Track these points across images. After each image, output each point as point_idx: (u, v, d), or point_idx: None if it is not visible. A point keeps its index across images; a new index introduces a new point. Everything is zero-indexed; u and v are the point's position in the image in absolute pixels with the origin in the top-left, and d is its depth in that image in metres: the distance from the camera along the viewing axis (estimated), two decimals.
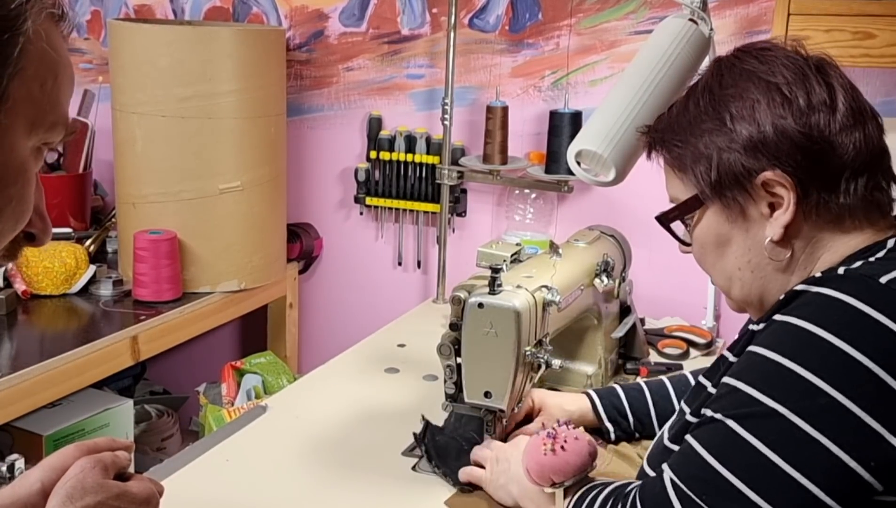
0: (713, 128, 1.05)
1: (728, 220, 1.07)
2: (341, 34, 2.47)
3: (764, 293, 1.09)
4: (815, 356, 0.92)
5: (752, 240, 1.06)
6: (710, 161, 1.06)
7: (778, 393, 0.92)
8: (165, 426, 2.47)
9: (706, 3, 1.74)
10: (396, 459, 1.46)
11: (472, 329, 1.37)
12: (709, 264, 1.14)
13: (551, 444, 1.20)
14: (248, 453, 1.49)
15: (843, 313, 0.92)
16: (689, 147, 1.08)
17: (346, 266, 2.59)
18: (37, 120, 0.68)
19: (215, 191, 2.16)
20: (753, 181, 1.03)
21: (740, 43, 2.10)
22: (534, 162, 2.24)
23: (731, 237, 1.08)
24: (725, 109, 1.05)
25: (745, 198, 1.04)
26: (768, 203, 1.04)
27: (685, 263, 2.22)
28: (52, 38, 0.69)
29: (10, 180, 0.68)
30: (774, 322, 0.98)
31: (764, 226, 1.05)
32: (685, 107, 1.11)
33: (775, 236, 1.03)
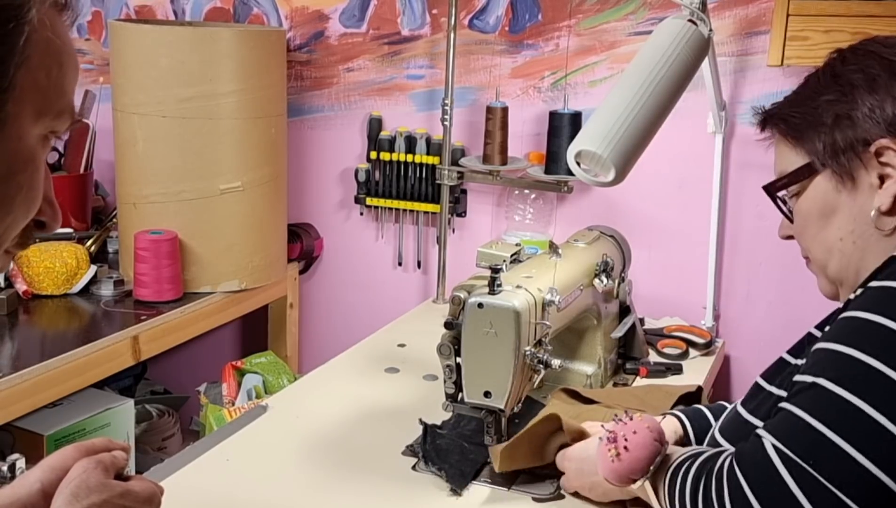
0: (833, 98, 1.09)
1: (836, 188, 1.09)
2: (342, 35, 2.47)
3: (861, 267, 1.10)
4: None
5: (857, 209, 1.08)
6: (827, 127, 1.09)
7: (879, 352, 0.93)
8: (166, 425, 2.47)
9: (705, 4, 1.74)
10: (396, 459, 1.47)
11: (471, 329, 1.37)
12: (810, 236, 1.15)
13: (615, 450, 1.17)
14: (249, 453, 1.49)
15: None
16: (807, 115, 1.11)
17: (346, 266, 2.60)
18: (43, 108, 0.69)
19: (216, 191, 2.17)
20: (868, 149, 1.05)
21: (739, 43, 2.11)
22: (533, 162, 2.25)
23: (838, 207, 1.10)
24: (846, 81, 1.08)
25: (857, 165, 1.07)
26: (879, 174, 1.06)
27: (685, 263, 2.24)
28: (56, 26, 0.69)
29: (19, 168, 0.69)
30: (872, 288, 0.99)
31: (871, 196, 1.07)
32: (805, 84, 1.15)
33: (884, 205, 1.06)
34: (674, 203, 2.24)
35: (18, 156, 0.68)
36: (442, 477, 1.39)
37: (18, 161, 0.68)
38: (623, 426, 1.19)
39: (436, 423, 1.54)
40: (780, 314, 2.19)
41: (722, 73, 2.09)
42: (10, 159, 0.68)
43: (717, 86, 2.00)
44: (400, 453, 1.48)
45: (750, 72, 2.12)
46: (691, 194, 2.21)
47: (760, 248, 2.17)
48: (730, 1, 2.10)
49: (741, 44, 2.11)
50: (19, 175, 0.69)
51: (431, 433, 1.48)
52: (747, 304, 2.22)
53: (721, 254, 2.20)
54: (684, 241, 2.24)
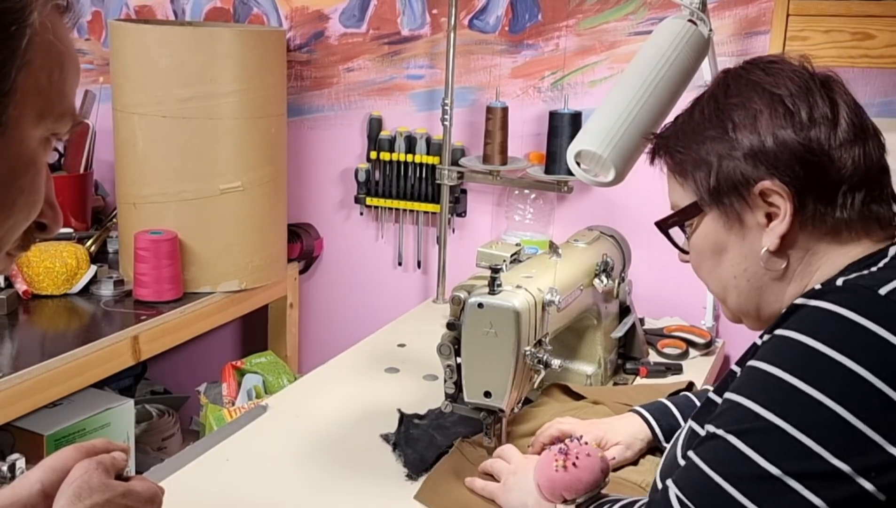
0: (715, 135, 1.06)
1: (725, 228, 1.08)
2: (342, 35, 2.47)
3: (760, 303, 1.10)
4: (815, 370, 0.91)
5: (748, 249, 1.07)
6: (710, 167, 1.06)
7: (778, 408, 0.92)
8: (166, 425, 2.47)
9: (705, 4, 1.74)
10: (396, 459, 1.47)
11: (471, 329, 1.37)
12: (705, 271, 1.15)
13: (563, 461, 1.18)
14: (249, 453, 1.49)
15: (841, 327, 0.92)
16: (690, 153, 1.09)
17: (346, 266, 2.60)
18: (45, 111, 0.69)
19: (216, 191, 2.17)
20: (751, 190, 1.03)
21: (739, 43, 2.11)
22: (533, 162, 2.25)
23: (728, 246, 1.09)
24: (728, 117, 1.06)
25: (742, 206, 1.05)
26: (765, 213, 1.04)
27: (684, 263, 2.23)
28: (57, 29, 0.69)
29: (21, 172, 0.69)
30: (775, 337, 0.97)
31: (760, 235, 1.05)
32: (690, 115, 1.12)
33: (771, 246, 1.04)
34: None
35: (20, 159, 0.68)
36: (401, 462, 1.43)
37: (20, 164, 0.68)
38: (578, 445, 1.21)
39: (417, 412, 1.57)
40: None
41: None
42: (12, 163, 0.68)
43: None
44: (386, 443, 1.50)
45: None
46: None
47: None
48: (730, 1, 2.10)
49: (741, 44, 2.11)
50: (21, 178, 0.69)
51: (406, 422, 1.53)
52: None
53: None
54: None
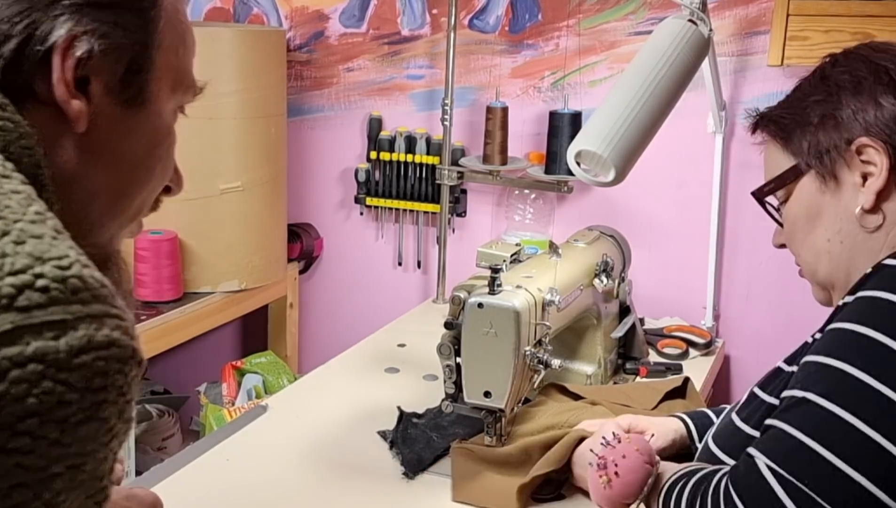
0: (820, 98, 1.11)
1: (821, 189, 1.11)
2: (341, 35, 2.47)
3: (851, 268, 1.10)
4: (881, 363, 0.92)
5: (843, 209, 1.09)
6: (812, 126, 1.10)
7: (874, 368, 0.92)
8: (166, 425, 2.47)
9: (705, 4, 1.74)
10: (396, 459, 1.47)
11: (471, 329, 1.37)
12: (798, 240, 1.16)
13: (605, 476, 1.16)
14: (249, 453, 1.49)
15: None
16: (796, 116, 1.13)
17: (346, 266, 2.60)
18: (176, 85, 0.77)
19: (216, 191, 2.17)
20: (850, 148, 1.07)
21: (739, 43, 2.12)
22: (533, 162, 2.25)
23: (823, 208, 1.11)
24: (834, 82, 1.10)
25: (840, 165, 1.09)
26: (861, 173, 1.07)
27: (684, 263, 2.24)
28: (179, 10, 0.77)
29: (159, 141, 0.76)
30: (860, 298, 0.99)
31: (856, 196, 1.08)
32: (797, 89, 1.17)
33: (867, 203, 1.06)
34: (674, 203, 2.24)
35: (159, 130, 0.76)
36: (399, 461, 1.43)
37: (160, 135, 0.76)
38: (612, 450, 1.18)
39: (416, 412, 1.57)
40: (780, 314, 2.19)
41: (722, 73, 2.09)
42: (154, 133, 0.75)
43: (717, 86, 2.00)
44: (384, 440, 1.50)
45: (750, 72, 2.12)
46: (691, 193, 2.21)
47: (760, 248, 2.17)
48: (730, 1, 2.10)
49: (741, 44, 2.11)
50: (160, 147, 0.77)
51: (405, 421, 1.53)
52: (747, 304, 2.22)
53: (721, 254, 2.20)
54: (684, 241, 2.24)
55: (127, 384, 0.59)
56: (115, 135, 0.72)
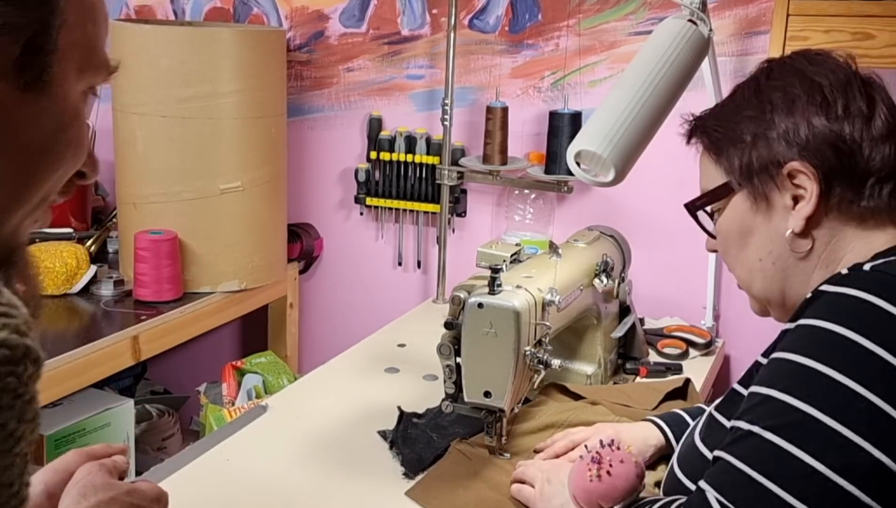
0: (753, 115, 1.08)
1: (752, 209, 1.09)
2: (341, 35, 2.47)
3: (786, 288, 1.10)
4: (846, 358, 0.91)
5: (774, 231, 1.08)
6: (744, 145, 1.08)
7: (815, 399, 0.91)
8: (166, 425, 2.47)
9: (705, 4, 1.74)
10: (396, 459, 1.47)
11: (471, 329, 1.37)
12: (731, 256, 1.16)
13: (597, 470, 1.16)
14: (248, 453, 1.49)
15: (869, 314, 0.93)
16: (727, 131, 1.11)
17: (346, 266, 2.60)
18: (83, 65, 0.72)
19: (216, 191, 2.17)
20: (781, 171, 1.05)
21: (739, 43, 2.11)
22: (533, 162, 2.25)
23: (755, 227, 1.10)
24: (767, 99, 1.08)
25: (771, 187, 1.07)
26: (792, 196, 1.05)
27: (684, 263, 2.24)
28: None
29: (66, 124, 0.72)
30: (801, 327, 0.97)
31: (786, 218, 1.06)
32: (731, 98, 1.15)
33: (797, 227, 1.05)
34: (674, 203, 2.22)
35: (66, 113, 0.71)
36: (399, 461, 1.43)
37: (66, 117, 0.71)
38: (610, 451, 1.18)
39: (416, 412, 1.57)
40: None
41: (722, 73, 2.09)
42: (59, 116, 0.71)
43: (717, 86, 2.00)
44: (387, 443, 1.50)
45: (750, 72, 2.11)
46: (691, 193, 2.20)
47: None
48: (730, 1, 2.10)
49: (741, 44, 2.11)
50: (67, 131, 0.72)
51: (405, 421, 1.53)
52: (747, 304, 2.21)
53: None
54: (684, 241, 2.24)
55: (23, 385, 0.56)
56: (12, 120, 0.67)
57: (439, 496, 1.34)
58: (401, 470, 1.43)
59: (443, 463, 1.43)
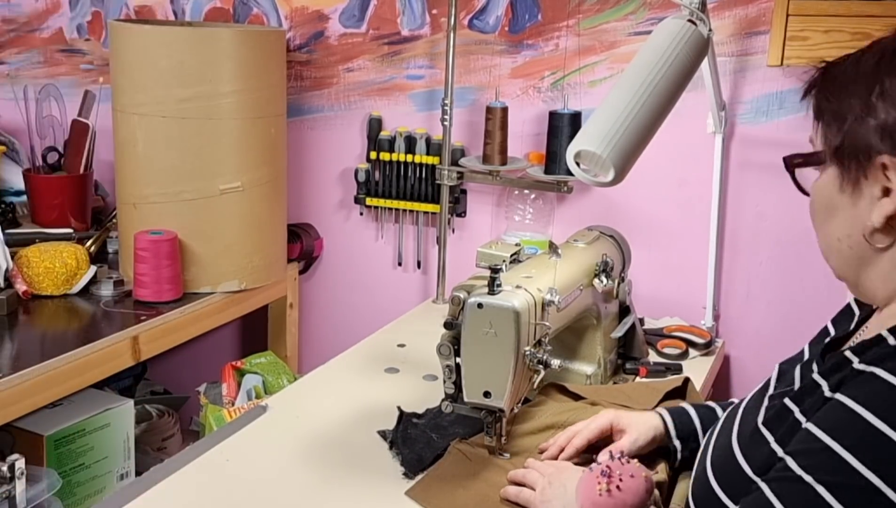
0: (861, 93, 1.00)
1: (840, 188, 1.03)
2: (341, 35, 2.47)
3: (860, 274, 1.05)
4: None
5: (856, 217, 1.02)
6: (842, 124, 1.01)
7: (879, 466, 0.87)
8: (166, 426, 2.47)
9: (705, 4, 1.74)
10: (396, 459, 1.47)
11: (471, 329, 1.37)
12: (817, 223, 1.09)
13: (606, 484, 1.15)
14: (248, 453, 1.49)
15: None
16: (833, 102, 1.03)
17: (346, 266, 2.60)
18: None
19: (216, 191, 2.17)
20: (873, 160, 0.98)
21: (739, 43, 2.11)
22: (533, 162, 2.25)
23: (839, 207, 1.03)
24: (880, 80, 0.99)
25: (860, 173, 1.00)
26: (883, 187, 0.98)
27: (684, 263, 2.24)
28: None
29: None
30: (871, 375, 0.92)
31: (872, 208, 1.00)
32: (857, 60, 1.05)
33: (877, 222, 0.99)
34: (674, 203, 2.24)
35: None
36: (399, 461, 1.44)
37: None
38: (620, 465, 1.17)
39: (416, 412, 1.57)
40: (780, 314, 2.19)
41: (722, 73, 2.09)
42: None
43: (716, 86, 2.00)
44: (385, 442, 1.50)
45: (750, 72, 2.12)
46: (691, 193, 2.21)
47: (760, 248, 2.17)
48: (730, 1, 2.10)
49: (741, 44, 2.11)
50: None
51: (405, 421, 1.53)
52: (747, 304, 2.22)
53: (721, 254, 2.21)
54: (684, 241, 2.24)
55: None
56: None
57: (439, 495, 1.34)
58: (401, 470, 1.43)
59: (443, 463, 1.43)
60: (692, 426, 1.41)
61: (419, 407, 1.61)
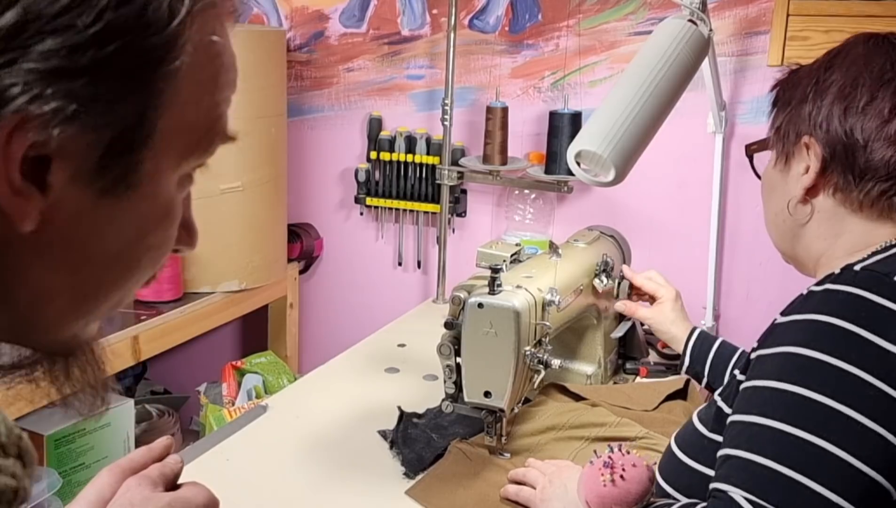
0: (805, 85, 1.15)
1: (776, 166, 1.19)
2: (342, 35, 2.47)
3: (794, 247, 1.19)
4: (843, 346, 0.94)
5: (786, 192, 1.16)
6: (785, 109, 1.17)
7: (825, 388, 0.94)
8: (166, 425, 2.47)
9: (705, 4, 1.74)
10: (396, 459, 1.47)
11: (471, 329, 1.37)
12: (763, 202, 1.25)
13: (610, 475, 1.16)
14: (249, 453, 1.49)
15: (860, 306, 0.96)
16: (787, 93, 1.19)
17: (346, 266, 2.60)
18: (190, 148, 0.55)
19: (216, 191, 2.17)
20: (800, 140, 1.13)
21: (739, 43, 2.11)
22: (533, 162, 2.25)
23: (776, 184, 1.19)
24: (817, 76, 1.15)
25: (791, 152, 1.15)
26: (806, 166, 1.13)
27: (684, 263, 2.24)
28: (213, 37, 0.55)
29: (150, 229, 0.56)
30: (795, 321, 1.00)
31: (797, 183, 1.14)
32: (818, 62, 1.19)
33: (797, 193, 1.14)
34: (674, 203, 2.24)
35: (152, 216, 0.55)
36: (399, 461, 1.44)
37: (151, 221, 0.55)
38: (622, 455, 1.18)
39: (416, 412, 1.57)
40: None
41: (722, 73, 2.09)
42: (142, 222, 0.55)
43: (717, 86, 2.00)
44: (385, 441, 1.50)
45: (750, 72, 2.12)
46: (691, 193, 2.21)
47: (760, 248, 2.17)
48: (730, 1, 2.10)
49: (741, 44, 2.11)
50: (149, 236, 0.56)
51: (406, 421, 1.53)
52: (747, 304, 2.22)
53: (721, 254, 2.21)
54: (684, 241, 2.24)
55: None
56: (80, 231, 0.52)
57: (439, 495, 1.34)
58: (401, 470, 1.43)
59: (443, 463, 1.43)
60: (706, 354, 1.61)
61: (419, 407, 1.60)
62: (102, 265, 0.55)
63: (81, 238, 0.53)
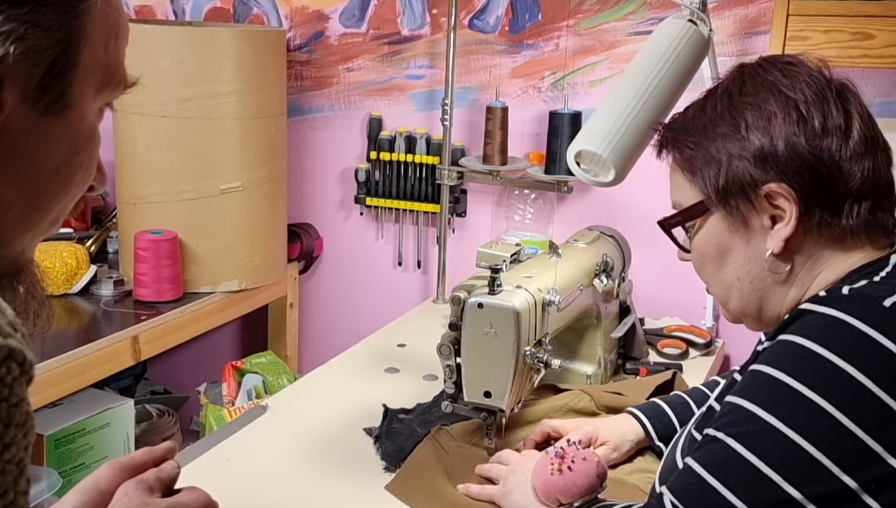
0: (727, 133, 1.05)
1: (730, 229, 1.07)
2: (342, 35, 2.47)
3: (762, 305, 1.10)
4: (819, 376, 0.91)
5: (752, 251, 1.06)
6: (719, 166, 1.05)
7: (781, 412, 0.91)
8: (166, 425, 2.47)
9: (705, 4, 1.74)
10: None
11: (471, 329, 1.37)
12: (708, 273, 1.14)
13: (558, 464, 1.19)
14: (249, 453, 1.49)
15: (847, 336, 0.92)
16: (700, 149, 1.08)
17: (346, 266, 2.60)
18: (103, 83, 0.70)
19: (216, 191, 2.17)
20: (758, 192, 1.02)
21: (739, 43, 2.11)
22: (533, 162, 2.25)
23: (732, 247, 1.08)
24: (742, 116, 1.05)
25: (748, 208, 1.04)
26: (770, 215, 1.03)
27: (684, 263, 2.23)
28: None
29: (81, 147, 0.69)
30: (779, 342, 0.97)
31: (765, 238, 1.04)
32: (702, 109, 1.11)
33: (776, 248, 1.03)
34: None
35: (80, 136, 0.69)
36: (379, 454, 1.44)
37: (80, 141, 0.69)
38: (575, 450, 1.21)
39: (404, 407, 1.58)
40: None
41: (722, 73, 2.08)
42: (73, 141, 0.68)
43: None
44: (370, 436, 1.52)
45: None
46: None
47: None
48: (730, 1, 2.10)
49: (741, 44, 2.11)
50: (81, 154, 0.70)
51: (390, 417, 1.53)
52: None
53: None
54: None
55: (6, 388, 0.53)
56: (28, 144, 0.65)
57: (418, 487, 1.34)
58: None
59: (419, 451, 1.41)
60: (671, 425, 1.44)
61: None
62: (46, 178, 0.67)
63: (30, 151, 0.65)
